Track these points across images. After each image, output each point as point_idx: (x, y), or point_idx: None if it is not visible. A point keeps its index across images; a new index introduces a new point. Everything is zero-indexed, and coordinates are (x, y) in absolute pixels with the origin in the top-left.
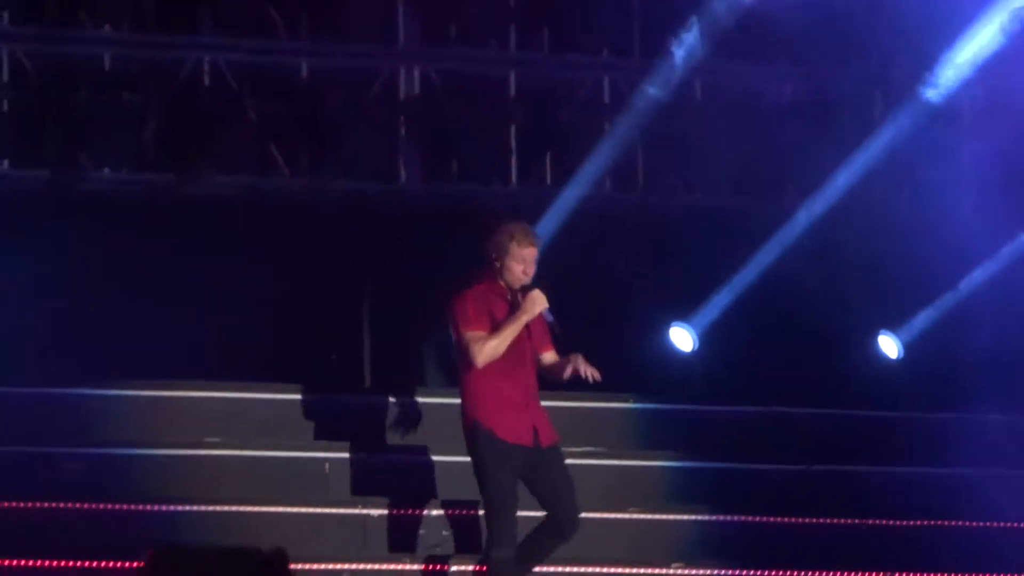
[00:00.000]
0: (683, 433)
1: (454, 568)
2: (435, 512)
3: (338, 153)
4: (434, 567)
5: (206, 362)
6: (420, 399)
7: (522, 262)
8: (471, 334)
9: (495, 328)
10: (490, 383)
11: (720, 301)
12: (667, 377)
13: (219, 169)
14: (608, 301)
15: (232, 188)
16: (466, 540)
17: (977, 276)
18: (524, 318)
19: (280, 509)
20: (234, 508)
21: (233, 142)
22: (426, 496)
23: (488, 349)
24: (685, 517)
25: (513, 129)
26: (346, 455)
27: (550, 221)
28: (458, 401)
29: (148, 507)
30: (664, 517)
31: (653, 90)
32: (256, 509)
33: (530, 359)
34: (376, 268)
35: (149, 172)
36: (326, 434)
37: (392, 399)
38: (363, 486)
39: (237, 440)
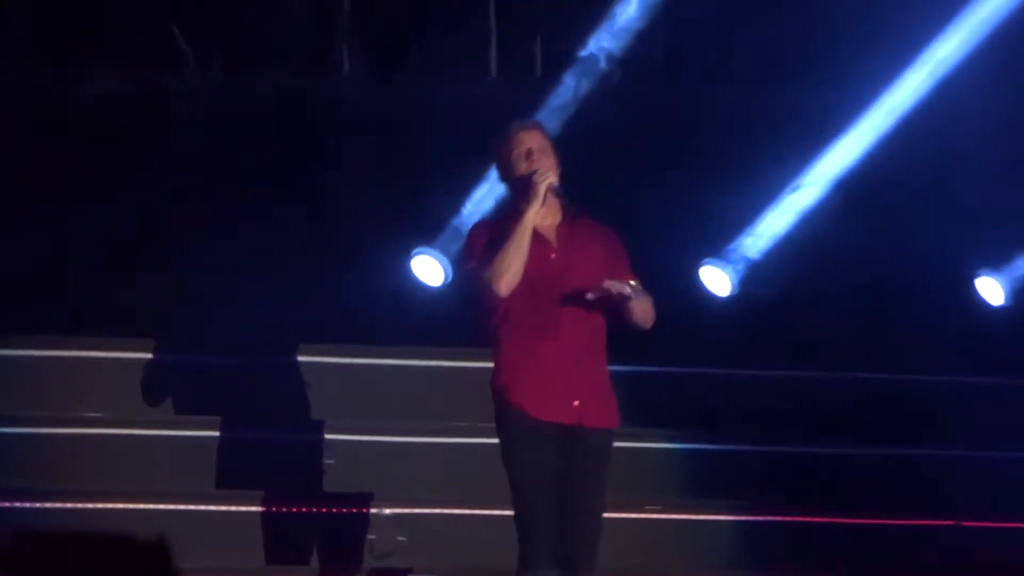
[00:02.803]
0: (709, 406)
1: None
2: (388, 511)
3: (259, 41)
4: None
5: (88, 311)
6: (370, 360)
7: (522, 155)
8: (479, 264)
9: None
10: (520, 341)
11: (765, 228)
12: (696, 330)
13: (109, 64)
14: (619, 227)
15: (127, 86)
16: (433, 549)
17: None
18: (531, 207)
19: (172, 507)
20: (119, 505)
21: (126, 30)
22: (375, 489)
23: (496, 265)
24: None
25: (493, 6)
26: (265, 434)
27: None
28: (422, 363)
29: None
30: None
31: None
32: (143, 506)
33: (578, 308)
34: (313, 186)
35: (23, 70)
36: (240, 407)
37: (329, 359)
38: (283, 474)
39: (125, 415)
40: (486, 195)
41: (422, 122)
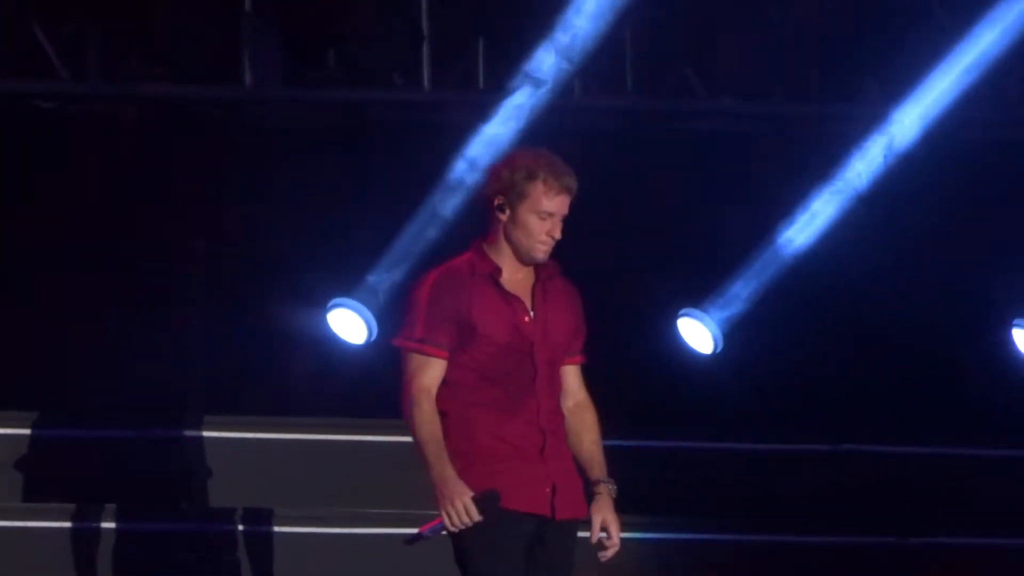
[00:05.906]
0: (693, 485)
1: None
2: None
3: (147, 46)
4: None
5: None
6: (280, 435)
7: (546, 217)
8: (416, 358)
9: (470, 341)
10: (480, 417)
11: (758, 272)
12: (674, 395)
13: None
14: (580, 271)
15: None
16: None
17: None
18: (441, 493)
19: None
20: None
21: None
22: None
23: (415, 421)
24: None
25: (425, 5)
26: (161, 524)
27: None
28: (344, 438)
29: None
30: None
31: None
32: None
33: (549, 376)
34: (209, 222)
35: None
36: (127, 490)
37: (232, 433)
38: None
39: None
40: (419, 234)
41: (340, 145)
